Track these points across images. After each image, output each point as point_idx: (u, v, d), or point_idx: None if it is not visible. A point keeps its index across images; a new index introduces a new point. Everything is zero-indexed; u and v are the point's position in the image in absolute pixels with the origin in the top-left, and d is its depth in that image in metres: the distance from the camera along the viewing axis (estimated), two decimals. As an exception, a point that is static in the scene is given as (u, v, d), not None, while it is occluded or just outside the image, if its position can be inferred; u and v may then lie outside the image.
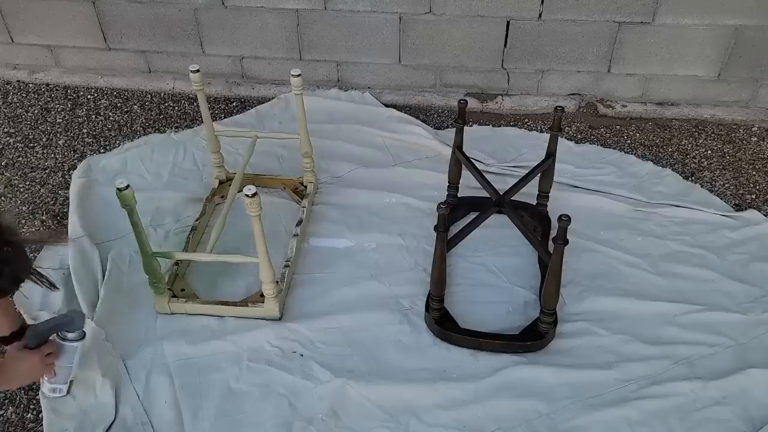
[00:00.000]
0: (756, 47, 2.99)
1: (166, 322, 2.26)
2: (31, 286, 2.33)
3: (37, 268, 1.64)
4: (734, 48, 3.00)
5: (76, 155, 2.98)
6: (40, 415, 2.03)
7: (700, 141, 3.07)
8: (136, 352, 2.17)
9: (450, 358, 2.15)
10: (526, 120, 3.20)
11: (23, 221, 2.66)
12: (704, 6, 2.90)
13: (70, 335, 1.90)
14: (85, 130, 3.12)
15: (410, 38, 3.14)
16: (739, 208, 2.72)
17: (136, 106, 3.30)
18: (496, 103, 3.26)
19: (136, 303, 2.31)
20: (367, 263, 2.45)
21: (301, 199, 2.66)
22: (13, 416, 2.05)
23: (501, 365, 2.12)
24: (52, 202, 2.76)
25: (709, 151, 3.01)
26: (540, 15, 2.99)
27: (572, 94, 3.26)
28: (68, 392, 1.98)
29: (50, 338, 1.89)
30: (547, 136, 2.47)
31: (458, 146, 2.50)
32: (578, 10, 2.96)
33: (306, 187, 2.70)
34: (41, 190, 2.81)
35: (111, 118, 3.21)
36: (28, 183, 2.84)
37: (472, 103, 3.21)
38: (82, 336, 1.93)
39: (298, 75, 2.39)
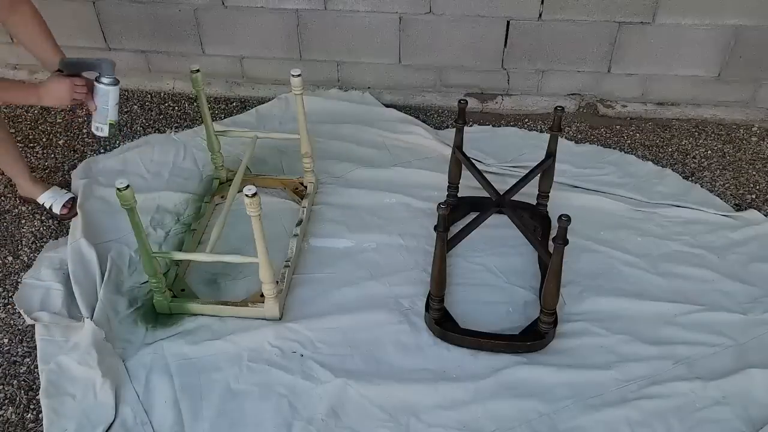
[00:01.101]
0: (756, 47, 2.99)
1: (166, 323, 2.26)
2: (29, 289, 2.35)
3: None
4: (734, 48, 3.00)
5: (76, 155, 2.99)
6: (40, 416, 2.03)
7: (700, 141, 3.07)
8: (136, 353, 2.17)
9: (450, 358, 2.15)
10: (526, 120, 3.21)
11: (23, 221, 2.66)
12: (704, 6, 2.90)
13: (103, 79, 2.10)
14: (85, 130, 3.12)
15: (410, 38, 3.14)
16: (739, 208, 2.72)
17: (136, 107, 3.30)
18: (496, 103, 3.27)
19: (135, 303, 2.32)
20: (367, 263, 2.46)
21: (301, 199, 2.66)
22: (13, 416, 2.05)
23: (501, 365, 2.12)
24: (52, 202, 2.76)
25: (709, 151, 3.01)
26: (540, 15, 3.00)
27: (572, 94, 3.26)
28: (109, 134, 2.20)
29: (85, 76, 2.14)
30: (547, 136, 2.47)
31: (458, 146, 2.50)
32: (578, 10, 2.96)
33: (306, 187, 2.70)
34: (41, 190, 2.81)
35: (111, 118, 3.21)
36: (28, 183, 2.84)
37: (472, 103, 3.21)
38: (115, 82, 2.12)
39: (298, 75, 2.39)
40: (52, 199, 2.64)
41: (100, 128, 2.19)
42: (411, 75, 3.28)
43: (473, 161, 2.56)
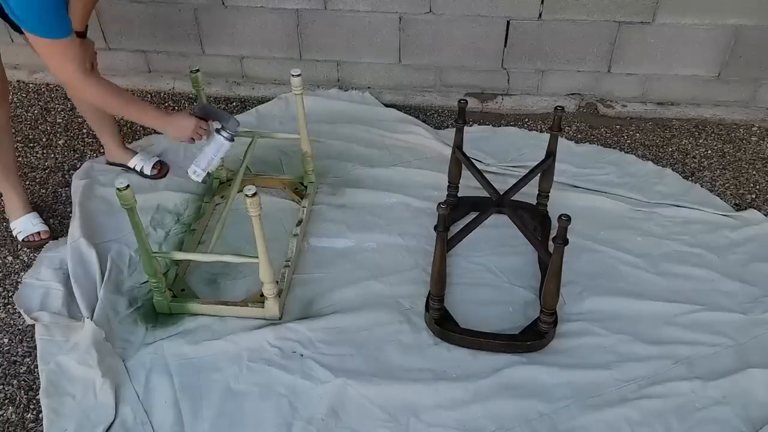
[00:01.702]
0: (756, 47, 2.99)
1: (166, 323, 2.26)
2: (29, 289, 2.35)
3: None
4: (734, 48, 3.00)
5: (76, 155, 2.99)
6: (40, 415, 2.03)
7: (701, 141, 3.07)
8: (136, 353, 2.17)
9: (450, 358, 2.15)
10: (527, 120, 3.21)
11: (23, 221, 2.66)
12: (704, 6, 2.90)
13: (224, 132, 2.23)
14: (84, 130, 3.12)
15: (410, 38, 3.14)
16: (739, 207, 2.72)
17: (136, 106, 3.30)
18: (496, 102, 3.27)
19: (135, 303, 2.32)
20: (367, 263, 2.46)
21: (301, 199, 2.66)
22: (13, 416, 2.05)
23: (501, 365, 2.12)
24: (52, 201, 2.76)
25: (710, 151, 3.01)
26: (540, 15, 3.00)
27: (572, 94, 3.26)
28: (203, 181, 2.31)
29: (211, 125, 2.25)
30: (547, 136, 2.47)
31: (458, 146, 2.50)
32: (578, 10, 2.96)
33: (306, 187, 2.70)
34: (41, 190, 2.81)
35: (111, 118, 3.21)
36: (28, 183, 2.84)
37: (472, 103, 3.21)
38: (232, 138, 2.25)
39: (298, 75, 2.39)
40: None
41: (198, 173, 2.25)
42: (411, 75, 3.28)
43: (473, 161, 2.56)
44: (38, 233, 2.55)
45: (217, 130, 2.23)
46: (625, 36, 3.02)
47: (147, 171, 2.79)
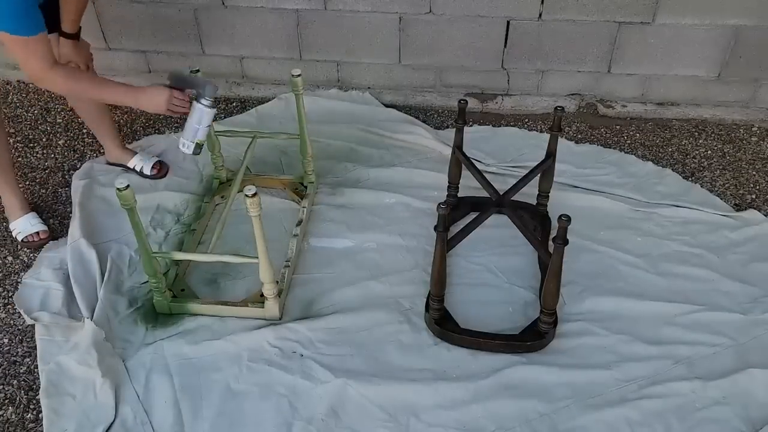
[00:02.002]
0: (756, 47, 2.99)
1: (166, 323, 2.26)
2: (29, 289, 2.35)
3: None
4: (734, 48, 3.00)
5: (76, 155, 2.99)
6: (40, 416, 2.03)
7: (701, 141, 3.07)
8: (136, 353, 2.17)
9: (450, 358, 2.15)
10: (526, 120, 3.21)
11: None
12: (704, 6, 2.90)
13: (203, 100, 2.14)
14: (84, 130, 3.12)
15: (410, 38, 3.14)
16: (739, 208, 2.72)
17: (136, 106, 3.30)
18: (496, 103, 3.27)
19: (135, 303, 2.32)
20: (367, 263, 2.46)
21: (301, 199, 2.66)
22: (13, 416, 2.05)
23: (501, 365, 2.12)
24: (52, 201, 2.76)
25: (710, 151, 3.01)
26: (540, 15, 2.99)
27: (572, 94, 3.26)
28: (194, 152, 2.22)
29: (187, 93, 2.17)
30: (547, 136, 2.47)
31: (458, 146, 2.50)
32: (578, 10, 2.96)
33: (306, 187, 2.70)
34: (41, 191, 2.82)
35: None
36: (28, 183, 2.84)
37: (472, 103, 3.21)
38: (213, 105, 2.17)
39: (299, 75, 2.39)
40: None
41: (186, 145, 2.21)
42: (411, 75, 3.28)
43: (473, 161, 2.56)
44: (37, 233, 2.56)
45: (196, 99, 2.15)
46: (625, 36, 3.02)
47: (147, 171, 2.79)
